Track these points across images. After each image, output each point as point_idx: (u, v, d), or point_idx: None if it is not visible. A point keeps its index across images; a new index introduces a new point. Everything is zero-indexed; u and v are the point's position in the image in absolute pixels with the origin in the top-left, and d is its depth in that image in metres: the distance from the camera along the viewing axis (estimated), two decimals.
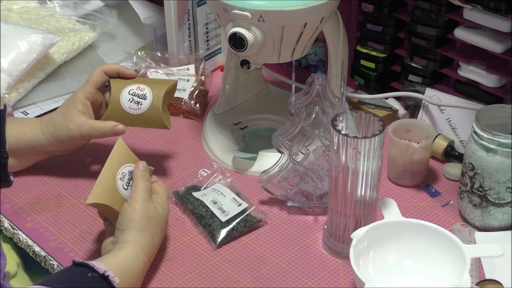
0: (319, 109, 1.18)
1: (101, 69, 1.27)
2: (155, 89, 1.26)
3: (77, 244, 1.18)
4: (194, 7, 1.53)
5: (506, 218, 1.17)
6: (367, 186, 1.09)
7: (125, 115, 1.26)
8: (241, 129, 1.43)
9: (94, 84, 1.26)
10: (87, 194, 1.09)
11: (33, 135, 1.27)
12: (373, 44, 1.43)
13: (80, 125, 1.24)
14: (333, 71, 1.37)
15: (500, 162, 1.12)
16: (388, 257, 1.10)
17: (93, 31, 1.68)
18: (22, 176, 1.32)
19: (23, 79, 1.51)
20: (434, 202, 1.26)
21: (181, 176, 1.33)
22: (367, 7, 1.41)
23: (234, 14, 1.17)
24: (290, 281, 1.12)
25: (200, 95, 1.50)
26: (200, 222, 1.20)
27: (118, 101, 1.26)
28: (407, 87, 1.40)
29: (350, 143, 1.05)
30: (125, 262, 1.04)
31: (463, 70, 1.33)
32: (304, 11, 1.17)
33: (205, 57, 1.59)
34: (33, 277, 1.22)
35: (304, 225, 1.22)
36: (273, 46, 1.21)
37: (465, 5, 1.26)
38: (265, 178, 1.24)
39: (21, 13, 1.69)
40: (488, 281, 1.07)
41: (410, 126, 1.30)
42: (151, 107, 1.26)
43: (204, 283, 1.11)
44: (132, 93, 1.26)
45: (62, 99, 1.53)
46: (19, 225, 1.22)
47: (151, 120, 1.26)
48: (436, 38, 1.34)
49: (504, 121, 1.15)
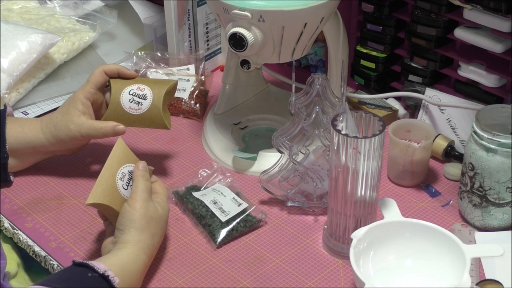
0: (319, 109, 1.18)
1: (101, 69, 1.27)
2: (155, 89, 1.26)
3: (77, 244, 1.18)
4: (194, 7, 1.53)
5: (506, 218, 1.17)
6: (367, 186, 1.09)
7: (126, 115, 1.26)
8: (241, 129, 1.43)
9: (94, 84, 1.26)
10: (87, 194, 1.09)
11: (33, 135, 1.27)
12: (373, 44, 1.43)
13: (81, 125, 1.24)
14: (333, 71, 1.37)
15: (500, 162, 1.12)
16: (388, 257, 1.10)
17: (93, 31, 1.68)
18: (22, 176, 1.32)
19: (23, 79, 1.51)
20: (434, 202, 1.26)
21: (181, 176, 1.33)
22: (367, 7, 1.41)
23: (234, 14, 1.17)
24: (290, 281, 1.12)
25: (200, 95, 1.50)
26: (200, 222, 1.20)
27: (119, 101, 1.26)
28: (407, 87, 1.40)
29: (350, 143, 1.05)
30: (125, 262, 1.04)
31: (463, 70, 1.33)
32: (304, 11, 1.17)
33: (205, 57, 1.59)
34: (33, 277, 1.22)
35: (304, 225, 1.22)
36: (273, 46, 1.21)
37: (465, 5, 1.26)
38: (265, 178, 1.24)
39: (21, 13, 1.69)
40: (488, 281, 1.07)
41: (410, 126, 1.30)
42: (151, 107, 1.26)
43: (204, 283, 1.11)
44: (132, 93, 1.26)
45: (62, 99, 1.53)
46: (19, 225, 1.22)
47: (151, 120, 1.26)
48: (436, 38, 1.34)
49: (504, 121, 1.15)
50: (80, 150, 1.33)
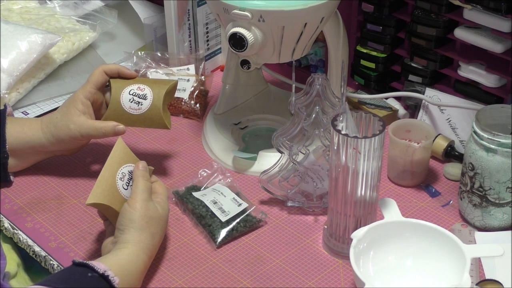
0: (319, 109, 1.18)
1: (101, 69, 1.27)
2: (155, 89, 1.26)
3: (77, 244, 1.18)
4: (194, 7, 1.53)
5: (506, 218, 1.17)
6: (367, 186, 1.08)
7: (126, 115, 1.26)
8: (241, 129, 1.43)
9: (94, 84, 1.26)
10: (87, 194, 1.09)
11: (34, 134, 1.27)
12: (373, 44, 1.43)
13: (81, 125, 1.24)
14: (333, 71, 1.37)
15: (500, 162, 1.12)
16: (388, 257, 1.10)
17: (93, 31, 1.68)
18: (22, 176, 1.32)
19: (23, 79, 1.51)
20: (434, 202, 1.26)
21: (181, 176, 1.33)
22: (367, 7, 1.41)
23: (234, 14, 1.17)
24: (290, 281, 1.12)
25: (200, 95, 1.50)
26: (200, 222, 1.20)
27: (119, 101, 1.26)
28: (407, 87, 1.40)
29: (350, 143, 1.05)
30: (125, 262, 1.04)
31: (463, 70, 1.33)
32: (304, 11, 1.17)
33: (205, 57, 1.59)
34: (33, 277, 1.22)
35: (304, 225, 1.22)
36: (273, 46, 1.21)
37: (465, 5, 1.26)
38: (265, 178, 1.24)
39: (21, 13, 1.69)
40: (488, 281, 1.07)
41: (410, 126, 1.30)
42: (151, 107, 1.26)
43: (204, 283, 1.11)
44: (132, 93, 1.26)
45: (62, 99, 1.53)
46: (19, 225, 1.22)
47: (151, 120, 1.26)
48: (436, 38, 1.34)
49: (504, 121, 1.15)
50: (80, 150, 1.33)
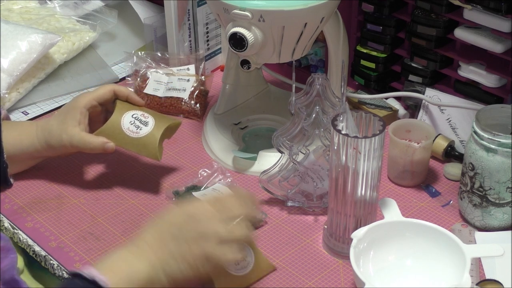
0: (319, 109, 1.18)
1: (112, 87, 1.27)
2: (158, 121, 1.26)
3: (77, 244, 1.18)
4: (194, 7, 1.53)
5: (506, 218, 1.17)
6: (367, 186, 1.09)
7: (121, 134, 1.25)
8: (241, 129, 1.43)
9: (99, 98, 1.26)
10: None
11: (29, 141, 1.26)
12: (373, 44, 1.43)
13: (72, 136, 1.23)
14: (333, 71, 1.37)
15: (500, 162, 1.12)
16: (388, 257, 1.10)
17: (93, 31, 1.68)
18: (22, 176, 1.32)
19: (23, 79, 1.51)
20: (434, 202, 1.26)
21: (181, 176, 1.33)
22: (367, 7, 1.41)
23: (234, 14, 1.17)
24: (290, 281, 1.12)
25: (200, 95, 1.50)
26: None
27: (119, 120, 1.25)
28: (407, 87, 1.40)
29: (350, 143, 1.05)
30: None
31: (463, 70, 1.33)
32: (304, 11, 1.17)
33: (205, 57, 1.59)
34: (33, 277, 1.22)
35: (304, 225, 1.22)
36: (273, 46, 1.21)
37: (465, 5, 1.26)
38: (265, 178, 1.24)
39: (21, 13, 1.69)
40: (488, 281, 1.07)
41: (410, 126, 1.30)
42: (149, 135, 1.25)
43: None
44: (135, 117, 1.26)
45: (62, 99, 1.53)
46: (19, 225, 1.22)
47: (144, 146, 1.25)
48: (436, 38, 1.34)
49: (504, 121, 1.15)
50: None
